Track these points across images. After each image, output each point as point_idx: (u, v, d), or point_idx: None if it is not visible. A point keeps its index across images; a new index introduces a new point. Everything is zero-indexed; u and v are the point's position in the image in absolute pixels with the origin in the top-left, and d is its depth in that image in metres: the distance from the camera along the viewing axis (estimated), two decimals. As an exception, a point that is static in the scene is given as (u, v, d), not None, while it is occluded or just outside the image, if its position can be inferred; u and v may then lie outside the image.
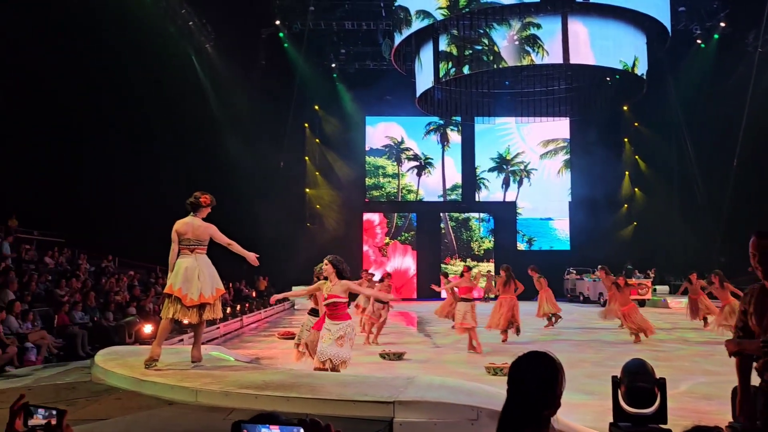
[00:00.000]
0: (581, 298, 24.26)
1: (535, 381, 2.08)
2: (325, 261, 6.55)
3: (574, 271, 25.52)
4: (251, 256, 6.87)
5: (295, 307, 21.63)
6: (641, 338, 12.27)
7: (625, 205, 29.90)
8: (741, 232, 18.80)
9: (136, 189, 19.35)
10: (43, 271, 13.68)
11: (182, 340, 11.54)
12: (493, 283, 20.43)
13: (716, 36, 24.52)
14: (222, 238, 6.84)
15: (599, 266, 16.21)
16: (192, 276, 6.51)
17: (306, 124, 28.45)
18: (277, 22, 24.56)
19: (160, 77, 19.34)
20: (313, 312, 7.57)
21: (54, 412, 2.02)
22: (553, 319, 15.15)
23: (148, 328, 11.32)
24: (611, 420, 3.39)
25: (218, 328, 13.61)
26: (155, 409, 4.97)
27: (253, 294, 21.27)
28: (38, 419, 2.05)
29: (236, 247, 6.86)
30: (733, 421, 3.36)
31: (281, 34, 24.98)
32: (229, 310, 15.72)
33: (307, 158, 28.82)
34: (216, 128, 22.98)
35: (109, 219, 18.33)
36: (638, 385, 3.19)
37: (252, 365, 7.79)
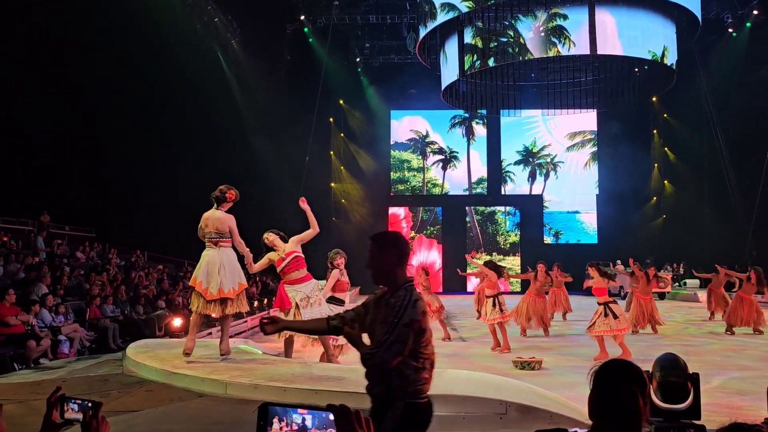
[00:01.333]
0: None
1: (638, 392, 2.06)
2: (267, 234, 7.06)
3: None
4: (248, 259, 7.01)
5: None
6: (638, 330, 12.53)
7: (654, 198, 29.49)
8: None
9: (164, 185, 19.59)
10: (74, 266, 13.92)
11: (210, 333, 11.68)
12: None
13: (749, 24, 24.00)
14: (235, 235, 6.91)
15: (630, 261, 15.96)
16: (213, 270, 6.59)
17: (331, 119, 28.52)
18: (302, 18, 24.64)
19: (188, 74, 19.53)
20: (332, 300, 7.60)
21: (89, 404, 2.05)
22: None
23: (177, 322, 11.47)
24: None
25: (245, 321, 13.72)
26: (186, 401, 5.03)
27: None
28: (73, 412, 2.09)
29: (242, 248, 6.95)
30: (768, 416, 3.30)
31: (306, 30, 25.06)
32: (256, 303, 15.85)
33: (332, 153, 28.91)
34: (242, 124, 23.14)
35: (139, 214, 18.59)
36: (671, 380, 3.13)
37: (279, 358, 7.85)
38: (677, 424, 3.22)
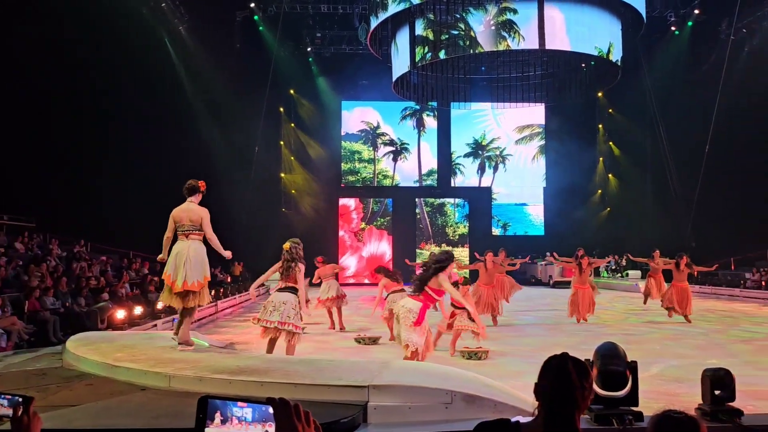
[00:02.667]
0: (533, 280, 25.74)
1: (579, 383, 2.11)
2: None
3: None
4: (226, 253, 6.98)
5: (270, 292, 21.50)
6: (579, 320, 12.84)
7: (599, 191, 30.24)
8: (711, 218, 19.30)
9: (108, 173, 19.06)
10: (13, 257, 13.43)
11: (155, 325, 11.47)
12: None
13: (690, 23, 24.77)
14: (208, 228, 6.86)
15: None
16: (180, 262, 6.58)
17: (281, 109, 28.24)
18: (252, 5, 24.24)
19: (133, 60, 19.02)
20: (286, 289, 7.52)
21: (20, 399, 1.98)
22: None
23: (120, 314, 11.19)
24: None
25: (193, 313, 13.51)
26: (127, 395, 4.91)
27: (228, 279, 21.15)
28: (3, 407, 2.00)
29: (215, 242, 6.90)
30: (702, 403, 3.41)
31: (256, 17, 24.68)
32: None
33: (282, 143, 28.65)
34: (190, 112, 22.69)
35: (81, 204, 18.03)
36: (610, 368, 3.22)
37: (226, 350, 7.75)
38: (616, 410, 3.31)
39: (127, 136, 19.57)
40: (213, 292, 16.56)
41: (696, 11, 24.27)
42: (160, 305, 12.72)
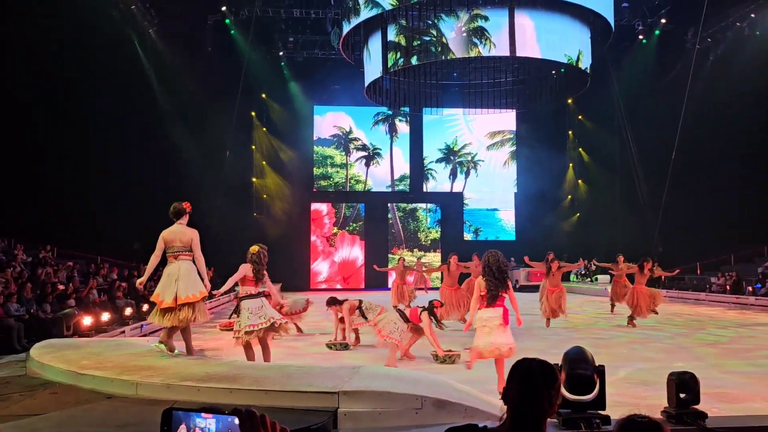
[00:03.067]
0: None
1: (546, 388, 2.13)
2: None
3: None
4: (206, 284, 7.14)
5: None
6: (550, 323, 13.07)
7: (569, 197, 30.59)
8: (677, 223, 19.63)
9: (76, 178, 18.77)
10: (-25, 262, 13.13)
11: (123, 332, 11.30)
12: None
13: (657, 32, 25.22)
14: (197, 249, 7.00)
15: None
16: (170, 281, 6.71)
17: (253, 113, 28.08)
18: (224, 9, 24.06)
19: (102, 63, 18.76)
20: (248, 297, 7.52)
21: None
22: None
23: (87, 320, 11.00)
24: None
25: (162, 319, 13.33)
26: (93, 403, 4.83)
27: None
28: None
29: (201, 264, 7.05)
30: (668, 406, 3.47)
31: (228, 21, 24.50)
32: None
33: (254, 147, 28.48)
34: (160, 116, 22.44)
35: (47, 208, 17.70)
36: (578, 372, 3.25)
37: (195, 357, 7.66)
38: (584, 414, 3.35)
39: (95, 139, 19.31)
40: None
41: (663, 20, 24.74)
42: (128, 311, 12.55)
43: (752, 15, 21.90)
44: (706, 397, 3.42)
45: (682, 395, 3.36)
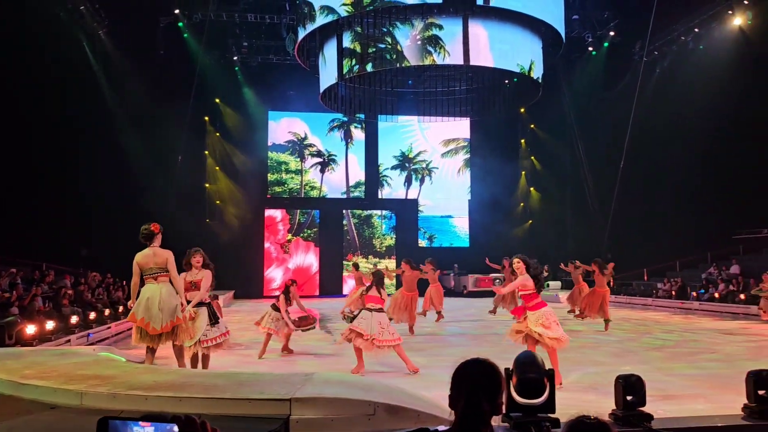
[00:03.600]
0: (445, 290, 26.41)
1: (484, 388, 2.14)
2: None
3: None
4: (183, 300, 7.27)
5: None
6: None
7: (522, 204, 31.05)
8: (625, 230, 20.13)
9: (19, 181, 18.17)
10: None
11: (69, 341, 10.97)
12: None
13: (606, 44, 25.87)
14: (173, 269, 7.19)
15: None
16: (152, 305, 6.81)
17: (206, 118, 27.66)
18: (177, 12, 23.70)
19: (47, 64, 18.25)
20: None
21: None
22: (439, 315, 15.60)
23: (30, 329, 10.63)
24: (504, 411, 3.48)
25: (110, 327, 13.00)
26: (35, 414, 4.66)
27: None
28: None
29: (178, 284, 7.24)
30: (615, 408, 3.53)
31: (180, 24, 24.13)
32: (121, 309, 15.07)
33: (207, 153, 28.06)
34: (109, 119, 21.94)
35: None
36: (528, 377, 3.28)
37: (144, 366, 7.47)
38: (534, 417, 3.38)
39: (39, 142, 18.72)
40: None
41: (611, 33, 25.40)
42: (74, 320, 12.20)
43: (696, 30, 22.68)
44: (652, 399, 3.51)
45: (628, 397, 3.43)
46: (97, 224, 20.45)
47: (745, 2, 20.64)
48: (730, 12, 21.21)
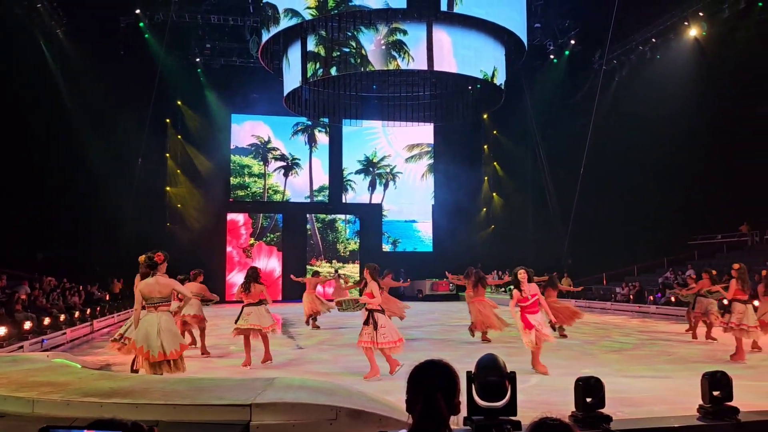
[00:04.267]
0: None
1: (441, 390, 2.13)
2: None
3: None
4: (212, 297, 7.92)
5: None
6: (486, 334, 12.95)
7: (484, 209, 31.32)
8: (585, 236, 20.42)
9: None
10: None
11: (22, 347, 10.67)
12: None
13: (567, 53, 26.32)
14: (184, 291, 7.54)
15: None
16: (152, 333, 6.84)
17: (168, 120, 27.26)
18: (138, 12, 23.30)
19: (2, 64, 17.76)
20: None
21: None
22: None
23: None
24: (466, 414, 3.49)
25: (65, 333, 12.68)
26: (-16, 423, 4.50)
27: (107, 297, 20.05)
28: None
29: (188, 297, 7.75)
30: (575, 410, 3.57)
31: (141, 24, 23.72)
32: (78, 314, 14.71)
33: (168, 155, 27.62)
34: (68, 121, 21.43)
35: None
36: (490, 380, 3.29)
37: (100, 372, 7.30)
38: (495, 421, 3.39)
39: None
40: (89, 311, 15.68)
41: (572, 42, 25.86)
42: (27, 325, 11.88)
43: (653, 40, 23.22)
44: (610, 401, 3.55)
45: (588, 399, 3.47)
46: (54, 228, 19.95)
47: (700, 14, 21.21)
48: (686, 23, 21.77)
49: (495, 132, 30.81)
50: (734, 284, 10.19)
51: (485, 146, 31.50)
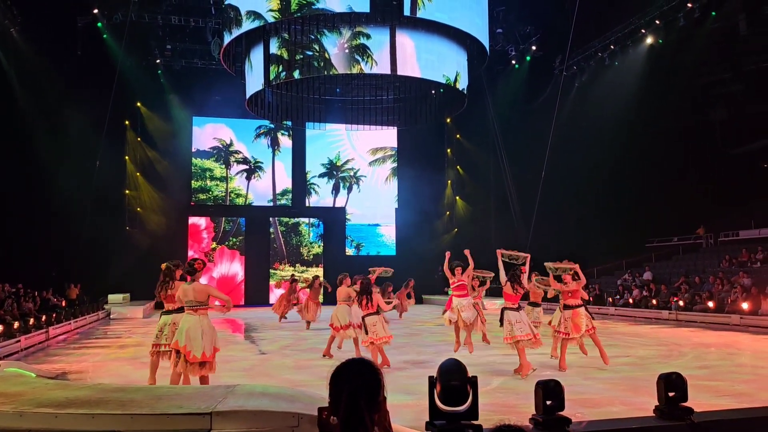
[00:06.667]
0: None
1: (363, 388, 2.08)
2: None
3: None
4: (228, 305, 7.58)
5: (111, 316, 20.21)
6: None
7: (448, 213, 31.50)
8: (547, 239, 20.73)
9: None
10: None
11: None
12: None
13: (528, 58, 26.68)
14: (220, 296, 7.60)
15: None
16: (196, 335, 7.10)
17: (126, 122, 26.74)
18: (96, 11, 22.84)
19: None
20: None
21: None
22: None
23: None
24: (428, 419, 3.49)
25: (19, 341, 12.33)
26: (-70, 437, 4.34)
27: (63, 303, 19.57)
28: None
29: (222, 297, 7.59)
30: (535, 413, 3.60)
31: (99, 24, 23.25)
32: (32, 321, 14.33)
33: (127, 158, 27.09)
34: (21, 121, 20.90)
35: None
36: (451, 384, 3.30)
37: (55, 381, 7.11)
38: (457, 425, 3.40)
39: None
40: (44, 318, 15.28)
41: (533, 48, 26.23)
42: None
43: (612, 47, 23.69)
44: (570, 403, 3.60)
45: (548, 402, 3.50)
46: (8, 232, 19.41)
47: (657, 22, 21.72)
48: (643, 31, 22.26)
49: (458, 136, 31.04)
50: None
51: (448, 150, 31.70)
